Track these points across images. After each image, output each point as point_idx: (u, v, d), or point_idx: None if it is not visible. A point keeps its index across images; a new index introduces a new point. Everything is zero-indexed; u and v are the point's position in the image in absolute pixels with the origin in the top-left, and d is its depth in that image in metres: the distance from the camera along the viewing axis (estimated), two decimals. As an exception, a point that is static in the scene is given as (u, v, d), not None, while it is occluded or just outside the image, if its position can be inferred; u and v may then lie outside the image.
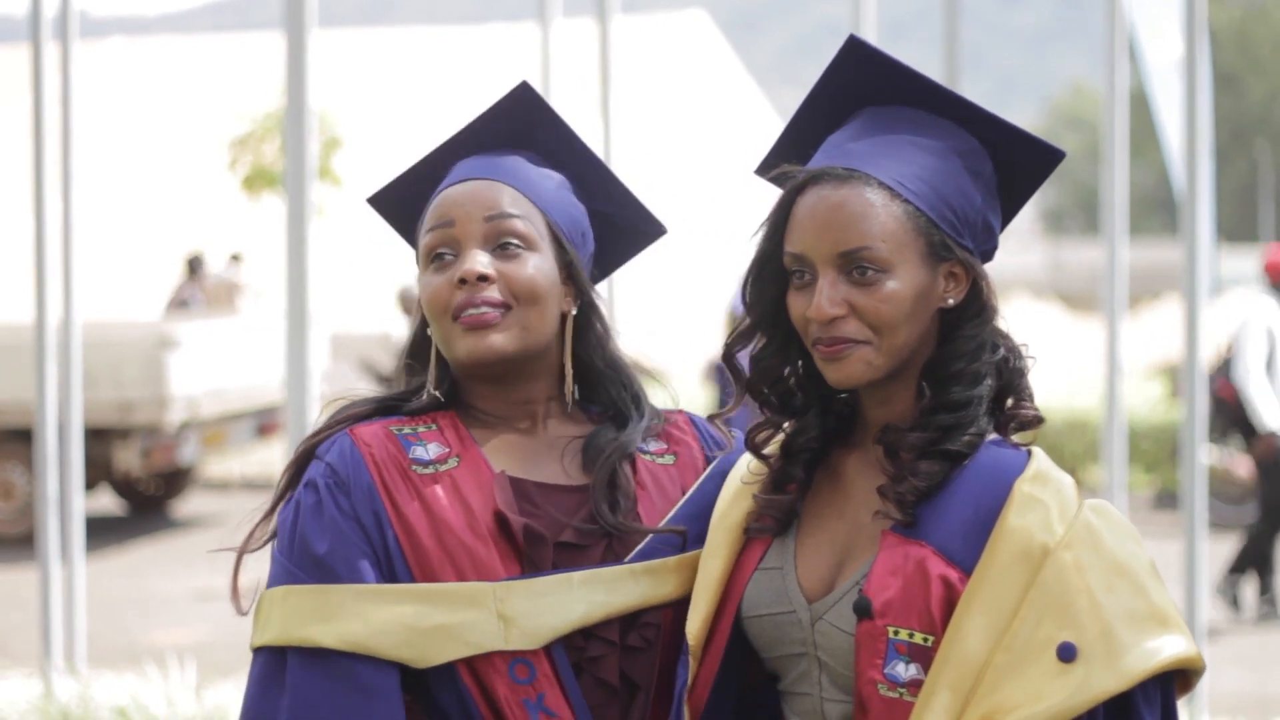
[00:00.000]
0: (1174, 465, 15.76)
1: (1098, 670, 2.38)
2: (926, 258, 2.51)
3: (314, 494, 2.64)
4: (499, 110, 2.82)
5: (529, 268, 2.68)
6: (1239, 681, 10.04)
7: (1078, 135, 68.99)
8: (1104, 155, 8.04)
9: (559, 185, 2.79)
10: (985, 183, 2.57)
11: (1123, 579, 2.43)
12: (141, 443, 14.99)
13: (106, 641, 10.67)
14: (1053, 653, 2.38)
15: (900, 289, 2.49)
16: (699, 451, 2.82)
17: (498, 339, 2.65)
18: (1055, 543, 2.42)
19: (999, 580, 2.42)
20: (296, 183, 6.42)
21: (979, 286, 2.55)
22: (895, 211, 2.49)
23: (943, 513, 2.48)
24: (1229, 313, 17.98)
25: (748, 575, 2.61)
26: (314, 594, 2.59)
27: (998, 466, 2.51)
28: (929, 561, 2.45)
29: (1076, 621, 2.39)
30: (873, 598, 2.46)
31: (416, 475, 2.65)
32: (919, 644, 2.43)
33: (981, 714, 2.38)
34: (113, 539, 15.19)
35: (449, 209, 2.72)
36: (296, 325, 6.48)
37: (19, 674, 8.58)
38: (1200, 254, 7.28)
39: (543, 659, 2.59)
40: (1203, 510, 7.29)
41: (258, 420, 16.52)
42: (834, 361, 2.51)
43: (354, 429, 2.70)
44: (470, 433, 2.72)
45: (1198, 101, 7.33)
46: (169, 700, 7.80)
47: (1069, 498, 2.48)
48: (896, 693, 2.44)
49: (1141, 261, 29.18)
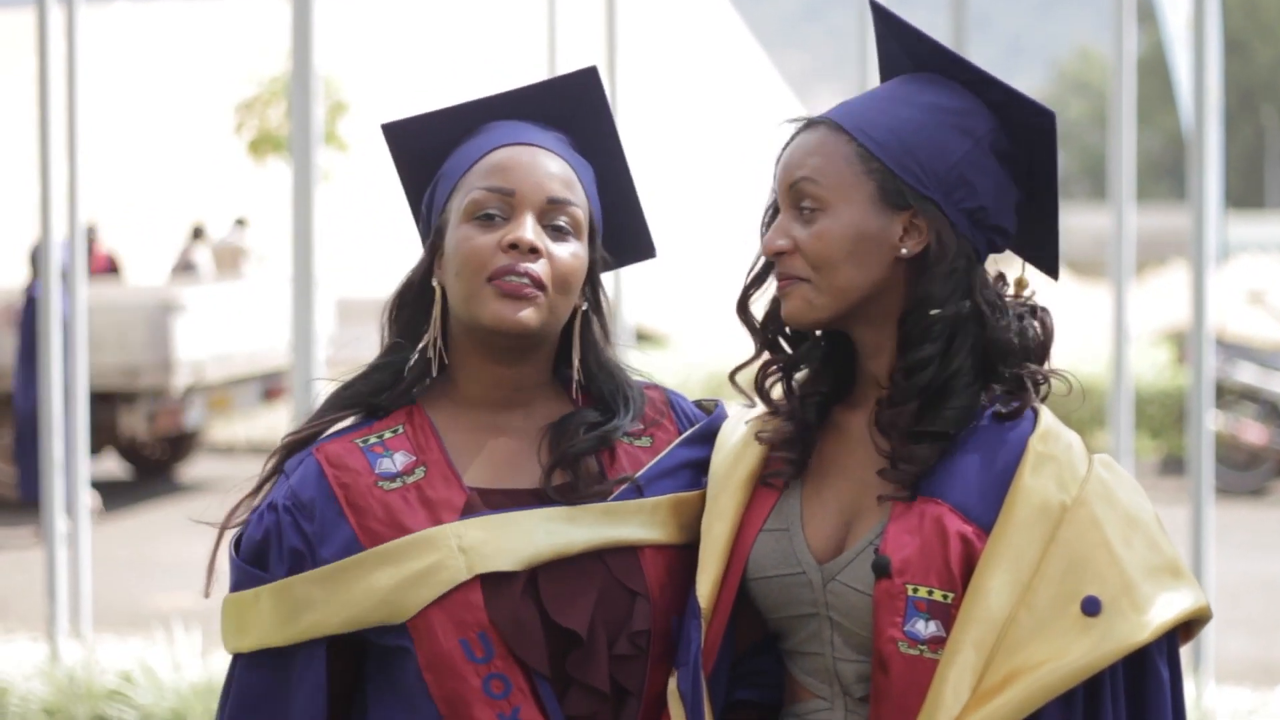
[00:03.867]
0: (1180, 431, 15.77)
1: (1122, 623, 2.41)
2: (878, 202, 2.54)
3: (274, 515, 2.65)
4: (556, 85, 2.78)
5: (572, 254, 2.66)
6: (1245, 647, 10.05)
7: (1085, 100, 68.85)
8: (1111, 121, 8.01)
9: (591, 180, 2.76)
10: (976, 141, 2.57)
11: (1137, 531, 2.47)
12: (147, 407, 15.00)
13: (112, 606, 10.69)
14: (1077, 607, 2.42)
15: (835, 227, 2.54)
16: (675, 433, 2.79)
17: (528, 313, 2.61)
18: (1072, 498, 2.45)
19: (1019, 537, 2.44)
20: (302, 147, 6.41)
21: (943, 240, 2.54)
22: (846, 153, 2.56)
23: (958, 471, 2.50)
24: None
25: (752, 537, 2.62)
26: (276, 592, 2.62)
27: (1006, 425, 2.53)
28: (946, 519, 2.47)
29: (1098, 575, 2.43)
30: (891, 556, 2.47)
31: (382, 491, 2.63)
32: (939, 601, 2.46)
33: (1008, 670, 2.41)
34: (118, 503, 15.21)
35: (510, 176, 2.66)
36: (302, 290, 6.48)
37: (24, 638, 8.60)
38: (1208, 220, 7.26)
39: (518, 673, 2.57)
40: (1209, 476, 7.28)
41: (263, 385, 16.52)
42: (783, 298, 2.59)
43: (320, 447, 2.68)
44: (440, 433, 2.69)
45: (1207, 66, 7.31)
46: (175, 664, 7.82)
47: (1079, 454, 2.52)
48: (917, 650, 2.46)
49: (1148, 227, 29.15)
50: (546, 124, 2.76)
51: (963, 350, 2.54)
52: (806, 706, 2.62)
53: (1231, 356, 15.37)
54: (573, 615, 2.59)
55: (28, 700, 7.80)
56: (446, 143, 2.76)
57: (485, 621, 2.56)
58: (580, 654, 2.60)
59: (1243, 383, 15.34)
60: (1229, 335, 15.79)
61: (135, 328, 14.74)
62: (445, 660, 2.56)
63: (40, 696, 7.79)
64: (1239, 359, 15.49)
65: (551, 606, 2.59)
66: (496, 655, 2.57)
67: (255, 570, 2.65)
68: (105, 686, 7.73)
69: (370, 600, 2.57)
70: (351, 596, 2.58)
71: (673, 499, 2.69)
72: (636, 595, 2.63)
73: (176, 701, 7.56)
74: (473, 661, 2.56)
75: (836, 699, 2.58)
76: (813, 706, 2.61)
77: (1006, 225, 2.61)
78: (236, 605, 2.66)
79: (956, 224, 2.55)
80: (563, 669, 2.60)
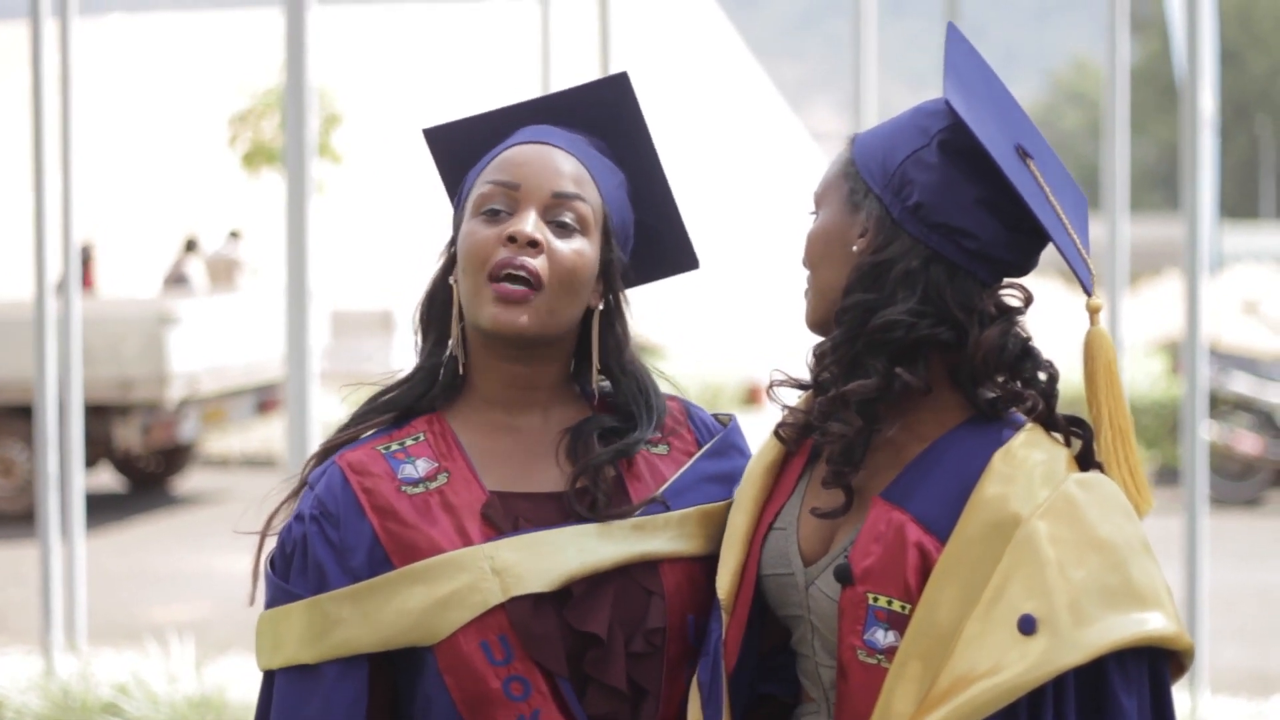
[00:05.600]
0: (1175, 441, 15.77)
1: (1059, 643, 2.35)
2: (847, 202, 2.57)
3: (301, 526, 2.65)
4: (589, 91, 2.79)
5: (576, 251, 2.65)
6: (1239, 658, 10.05)
7: (1079, 110, 68.96)
8: (1105, 131, 8.02)
9: (620, 184, 2.75)
10: (930, 139, 2.54)
11: (1098, 553, 2.40)
12: (142, 420, 14.99)
13: (107, 618, 10.68)
14: (1014, 623, 2.36)
15: (816, 229, 2.60)
16: (692, 444, 2.79)
17: (523, 317, 2.61)
18: (1029, 512, 2.41)
19: (970, 550, 2.41)
20: (296, 159, 6.42)
21: (886, 237, 2.52)
22: (842, 160, 2.61)
23: (926, 481, 2.48)
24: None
25: (764, 532, 2.63)
26: (306, 609, 2.61)
27: (985, 436, 2.50)
28: (907, 528, 2.45)
29: (1042, 593, 2.37)
30: (854, 564, 2.47)
31: (407, 496, 2.64)
32: (897, 611, 2.43)
33: (949, 682, 2.37)
34: (113, 516, 15.19)
35: (516, 171, 2.67)
36: (296, 302, 6.48)
37: (19, 651, 8.60)
38: (1202, 229, 7.27)
39: (538, 674, 2.57)
40: (1204, 486, 7.29)
41: (258, 397, 16.52)
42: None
43: (343, 455, 2.68)
44: (460, 438, 2.70)
45: (1202, 76, 7.32)
46: (170, 676, 7.81)
47: (1055, 470, 2.46)
48: (875, 659, 2.44)
49: (1142, 237, 29.14)
50: (578, 129, 2.76)
51: (857, 343, 2.52)
52: (804, 709, 2.62)
53: (1226, 367, 15.38)
54: (593, 620, 2.60)
55: (22, 714, 7.79)
56: (481, 147, 2.77)
57: (506, 625, 2.57)
58: (598, 653, 2.60)
59: (1237, 393, 15.35)
60: (1223, 345, 15.79)
61: (130, 340, 14.74)
62: (465, 662, 2.56)
63: (35, 710, 7.78)
64: (1233, 369, 15.49)
65: (572, 615, 2.60)
66: (516, 658, 2.57)
67: (287, 586, 2.64)
68: (100, 699, 7.72)
69: (403, 622, 2.58)
70: (383, 617, 2.58)
71: (699, 511, 2.70)
72: (651, 594, 2.64)
73: (171, 714, 7.56)
74: (493, 664, 2.57)
75: (822, 702, 2.58)
76: (808, 709, 2.61)
77: (964, 226, 2.53)
78: (271, 622, 2.65)
79: (904, 223, 2.53)
80: (580, 669, 2.60)
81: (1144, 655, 2.41)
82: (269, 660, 2.65)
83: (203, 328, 15.32)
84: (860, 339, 2.52)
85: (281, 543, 2.67)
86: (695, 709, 2.61)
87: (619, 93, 2.79)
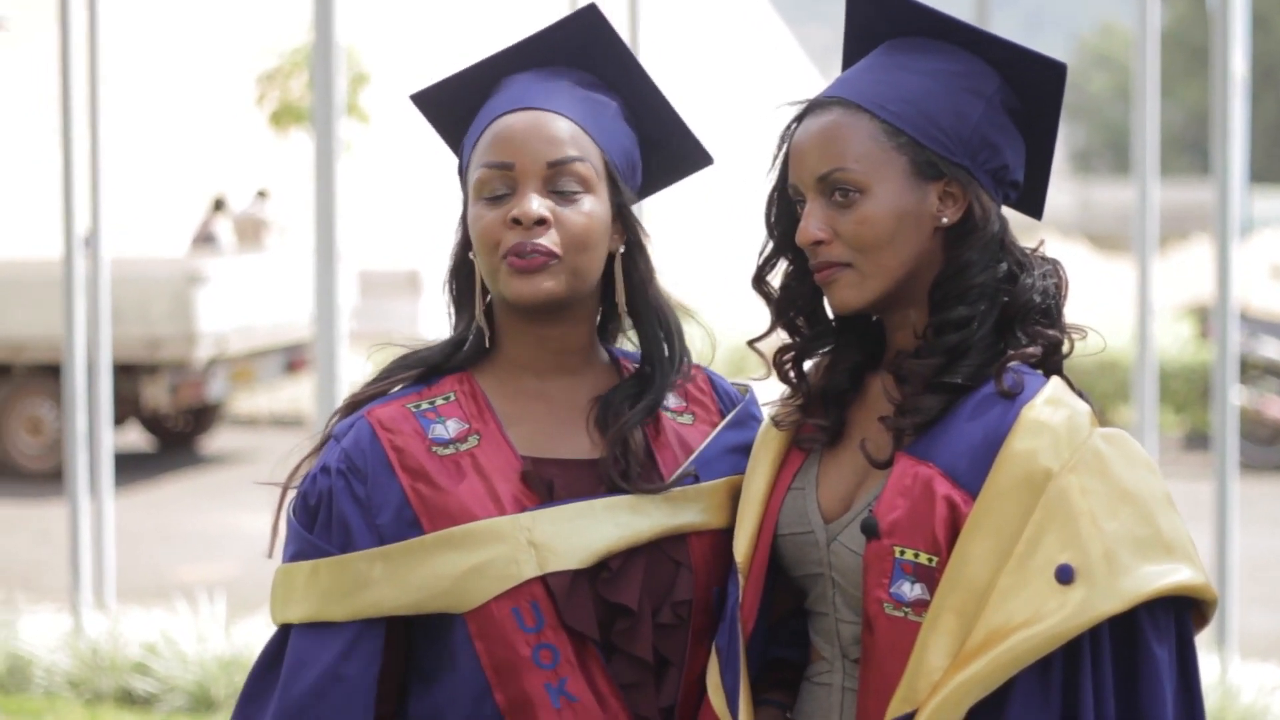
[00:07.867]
0: (1204, 406, 15.75)
1: (1096, 592, 2.38)
2: (912, 176, 2.54)
3: (327, 479, 2.63)
4: (561, 28, 2.77)
5: (584, 214, 2.64)
6: (1269, 623, 10.04)
7: (1107, 74, 68.63)
8: (1135, 94, 7.98)
9: (614, 114, 2.75)
10: (988, 101, 2.58)
11: (1128, 505, 2.44)
12: (170, 379, 15.03)
13: (135, 577, 10.72)
14: (1051, 574, 2.39)
15: (878, 209, 2.53)
16: (716, 414, 2.80)
17: (547, 283, 2.61)
18: (1060, 466, 2.44)
19: (1002, 504, 2.43)
20: (324, 119, 6.41)
21: (980, 204, 2.56)
22: (873, 131, 2.55)
23: (953, 435, 2.50)
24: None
25: (782, 494, 2.64)
26: (334, 566, 2.60)
27: (1014, 390, 2.51)
28: (935, 482, 2.47)
29: (1077, 544, 2.40)
30: (880, 518, 2.48)
31: (438, 457, 2.63)
32: (924, 564, 2.45)
33: (984, 634, 2.39)
34: (141, 475, 15.25)
35: (507, 148, 2.65)
36: (324, 262, 6.49)
37: (49, 610, 8.64)
38: (1231, 194, 7.24)
39: (567, 643, 2.58)
40: (1234, 451, 7.28)
41: (286, 356, 16.55)
42: (827, 287, 2.58)
43: (372, 410, 2.67)
44: (491, 401, 2.70)
45: (1232, 40, 7.28)
46: (198, 635, 7.86)
47: (1080, 424, 2.48)
48: (901, 611, 2.46)
49: (1171, 201, 29.01)
50: (563, 66, 2.75)
51: (992, 312, 2.55)
52: (815, 669, 2.64)
53: (1255, 331, 15.33)
54: (624, 592, 2.61)
55: (52, 672, 7.84)
56: (471, 102, 2.76)
57: (540, 594, 2.57)
58: (626, 624, 2.61)
59: (1267, 358, 15.31)
60: (1253, 310, 15.74)
61: (158, 300, 14.77)
62: (497, 629, 2.57)
63: (65, 669, 7.83)
64: (1263, 334, 15.44)
65: (604, 587, 2.60)
66: (547, 625, 2.57)
67: (312, 538, 2.63)
68: (129, 659, 7.77)
69: (436, 587, 2.57)
70: (415, 580, 2.57)
71: (726, 483, 2.71)
72: (680, 566, 2.65)
73: (200, 673, 7.60)
74: (523, 631, 2.57)
75: (836, 660, 2.60)
76: (819, 669, 2.63)
77: (1020, 179, 2.63)
78: (291, 575, 2.63)
79: (985, 185, 2.56)
80: (608, 639, 2.61)
81: (1171, 606, 2.45)
82: (286, 613, 2.63)
83: (231, 287, 15.34)
84: (990, 312, 2.55)
85: (304, 494, 2.66)
86: (714, 674, 2.63)
87: (593, 22, 2.77)
